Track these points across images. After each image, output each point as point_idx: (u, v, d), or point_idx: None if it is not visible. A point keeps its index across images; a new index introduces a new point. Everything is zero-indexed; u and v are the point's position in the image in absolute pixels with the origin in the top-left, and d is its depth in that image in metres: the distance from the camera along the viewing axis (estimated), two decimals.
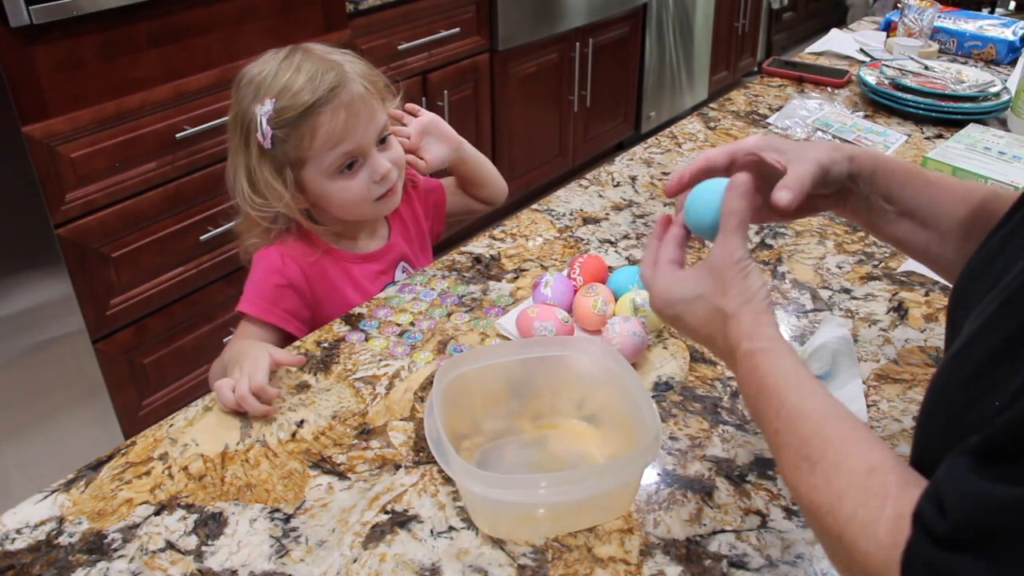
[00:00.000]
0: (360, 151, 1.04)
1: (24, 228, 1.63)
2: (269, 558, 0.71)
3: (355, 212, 1.10)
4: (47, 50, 1.59)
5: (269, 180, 1.02)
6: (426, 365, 0.95)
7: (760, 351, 0.62)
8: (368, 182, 1.06)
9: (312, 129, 1.00)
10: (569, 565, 0.70)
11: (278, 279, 1.07)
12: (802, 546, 0.72)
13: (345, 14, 2.15)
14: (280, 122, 1.00)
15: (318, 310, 1.10)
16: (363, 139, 1.04)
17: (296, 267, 1.08)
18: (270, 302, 1.07)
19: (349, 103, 1.01)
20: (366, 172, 1.05)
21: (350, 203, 1.07)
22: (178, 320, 1.95)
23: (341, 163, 1.03)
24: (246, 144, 1.03)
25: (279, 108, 0.99)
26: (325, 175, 1.04)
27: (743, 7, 3.99)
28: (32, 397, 1.73)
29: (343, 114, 1.01)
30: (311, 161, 1.03)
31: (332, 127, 1.01)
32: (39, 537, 0.73)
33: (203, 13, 1.82)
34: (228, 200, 1.08)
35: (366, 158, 1.05)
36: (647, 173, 1.40)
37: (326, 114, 1.00)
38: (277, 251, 1.08)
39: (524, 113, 2.92)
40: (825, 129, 1.55)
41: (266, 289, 1.07)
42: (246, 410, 0.86)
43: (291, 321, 1.08)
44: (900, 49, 1.88)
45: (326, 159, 1.03)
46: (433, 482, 0.78)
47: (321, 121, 1.00)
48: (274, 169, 1.03)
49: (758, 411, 0.61)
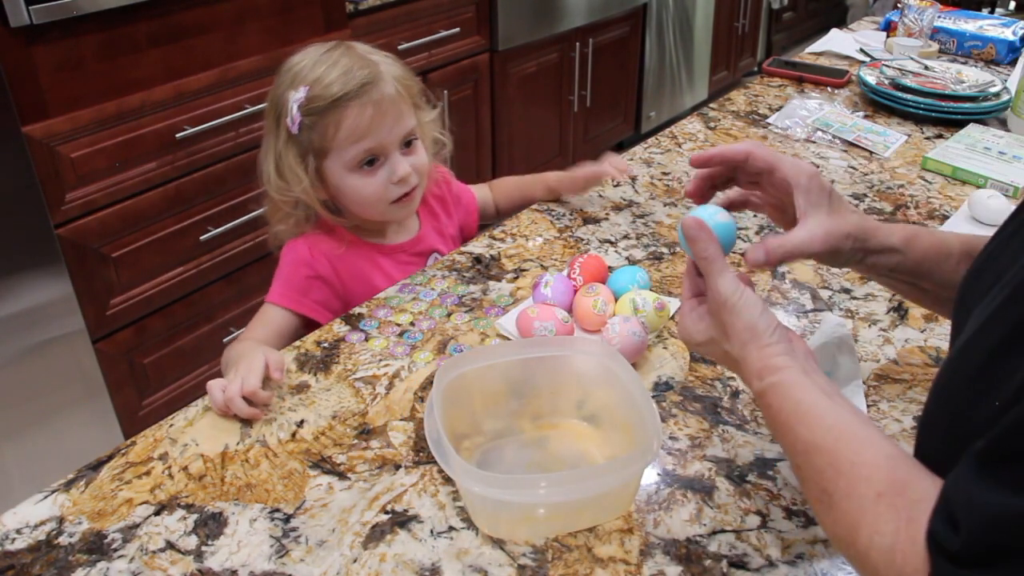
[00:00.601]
0: (382, 150, 1.06)
1: (24, 228, 1.63)
2: (269, 558, 0.71)
3: (370, 211, 1.12)
4: (47, 50, 1.59)
5: (292, 165, 1.06)
6: (426, 365, 0.95)
7: (770, 389, 0.62)
8: (386, 182, 1.07)
9: (337, 121, 1.03)
10: (569, 565, 0.70)
11: (307, 271, 1.10)
12: (802, 546, 0.72)
13: (345, 14, 2.15)
14: (309, 110, 1.03)
15: (350, 301, 1.12)
16: (387, 139, 1.06)
17: (324, 260, 1.11)
18: (300, 293, 1.10)
19: (378, 101, 1.04)
20: (385, 172, 1.07)
21: (366, 201, 1.09)
22: (178, 320, 1.95)
23: (361, 159, 1.05)
24: (277, 128, 1.06)
25: (311, 96, 1.02)
26: (345, 168, 1.06)
27: (743, 7, 3.99)
28: (32, 397, 1.73)
29: (370, 111, 1.03)
30: (333, 152, 1.05)
31: (357, 122, 1.03)
32: (39, 537, 0.73)
33: (203, 13, 1.82)
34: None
35: (387, 158, 1.07)
36: (647, 173, 1.40)
37: (353, 108, 1.02)
38: (305, 244, 1.11)
39: (524, 113, 2.92)
40: (825, 129, 1.55)
41: (295, 280, 1.10)
42: (234, 412, 0.86)
43: (320, 311, 1.10)
44: (900, 49, 1.88)
45: (347, 152, 1.05)
46: (433, 482, 0.78)
47: (347, 114, 1.03)
48: (298, 155, 1.06)
49: (784, 448, 0.62)
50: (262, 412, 0.86)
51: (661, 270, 1.13)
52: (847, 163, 1.43)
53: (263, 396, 0.86)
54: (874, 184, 1.35)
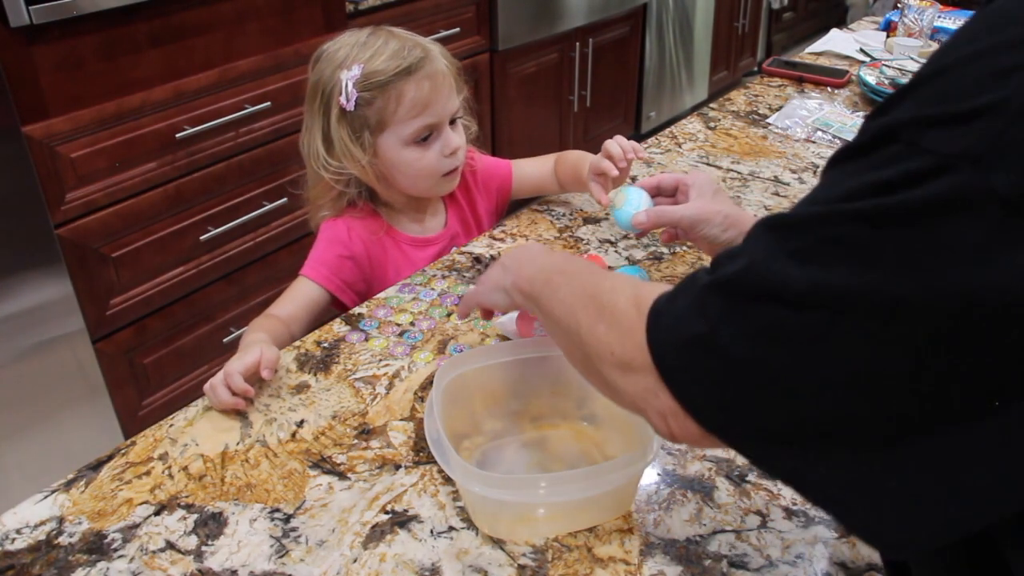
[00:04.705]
0: (438, 123, 1.08)
1: (24, 228, 1.63)
2: (269, 558, 0.71)
3: (421, 185, 1.14)
4: (47, 50, 1.59)
5: (347, 143, 1.07)
6: (426, 365, 0.95)
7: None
8: (440, 155, 1.10)
9: (399, 94, 1.05)
10: (569, 565, 0.70)
11: (341, 250, 1.12)
12: (802, 546, 0.72)
13: (345, 14, 2.15)
14: (367, 85, 1.04)
15: (374, 285, 1.14)
16: (442, 113, 1.08)
17: (360, 241, 1.13)
18: (331, 270, 1.11)
19: (434, 75, 1.06)
20: (439, 145, 1.09)
21: (420, 174, 1.11)
22: (178, 320, 1.95)
23: (420, 133, 1.07)
24: (325, 111, 1.07)
25: (367, 72, 1.04)
26: (402, 143, 1.08)
27: (743, 7, 3.99)
28: (32, 397, 1.73)
29: (427, 85, 1.06)
30: (392, 127, 1.07)
31: (418, 95, 1.05)
32: (39, 537, 0.73)
33: (203, 13, 1.82)
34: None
35: (440, 132, 1.09)
36: (647, 173, 1.40)
37: (412, 82, 1.05)
38: (344, 223, 1.13)
39: (524, 113, 2.92)
40: (825, 129, 1.55)
41: (328, 258, 1.12)
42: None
43: (347, 292, 1.12)
44: (900, 49, 1.88)
45: (408, 127, 1.07)
46: (433, 482, 0.78)
47: (408, 88, 1.05)
48: (352, 132, 1.07)
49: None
50: (243, 403, 0.87)
51: (661, 270, 1.13)
52: None
53: (244, 388, 0.86)
54: None
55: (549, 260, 0.74)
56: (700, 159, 1.45)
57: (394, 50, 1.05)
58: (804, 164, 1.43)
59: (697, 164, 1.43)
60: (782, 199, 1.30)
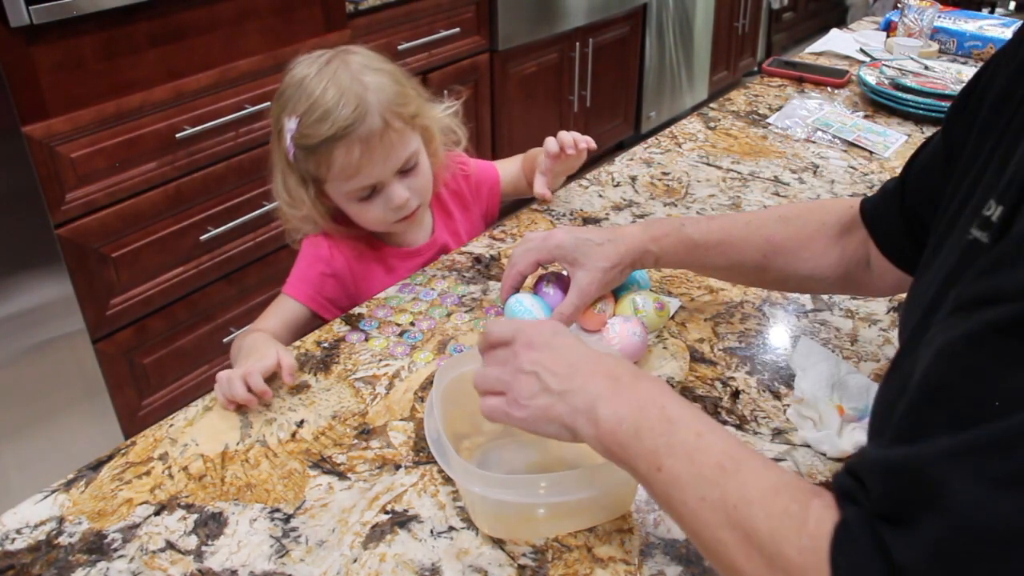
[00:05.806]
0: (376, 183, 1.05)
1: (24, 228, 1.63)
2: (269, 558, 0.71)
3: (376, 228, 1.13)
4: (47, 50, 1.59)
5: (294, 188, 1.07)
6: (426, 365, 0.95)
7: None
8: (384, 209, 1.08)
9: (328, 160, 1.02)
10: (569, 565, 0.70)
11: (323, 268, 1.12)
12: None
13: (345, 14, 2.15)
14: (300, 143, 1.02)
15: (358, 300, 1.12)
16: (379, 173, 1.04)
17: (342, 258, 1.13)
18: (313, 288, 1.11)
19: (366, 139, 1.01)
20: (382, 200, 1.07)
21: (367, 224, 1.12)
22: (178, 320, 1.95)
23: (358, 193, 1.06)
24: (280, 147, 1.07)
25: (300, 131, 1.01)
26: (343, 199, 1.07)
27: (743, 7, 3.99)
28: (32, 397, 1.73)
29: (357, 150, 1.01)
30: (329, 183, 1.06)
31: (346, 161, 1.02)
32: (39, 537, 0.73)
33: (203, 13, 1.82)
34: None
35: (383, 188, 1.06)
36: (647, 173, 1.40)
37: (342, 147, 1.00)
38: (326, 241, 1.13)
39: (524, 113, 2.92)
40: (825, 129, 1.55)
41: (311, 275, 1.12)
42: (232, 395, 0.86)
43: (329, 308, 1.12)
44: (900, 49, 1.88)
45: (343, 187, 1.05)
46: (433, 482, 0.78)
47: (336, 155, 1.01)
48: (299, 179, 1.07)
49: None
50: (256, 401, 0.87)
51: (661, 270, 1.13)
52: (847, 163, 1.43)
53: (263, 388, 0.86)
54: (874, 184, 1.34)
55: (634, 398, 0.60)
56: (700, 159, 1.45)
57: (327, 107, 0.99)
58: (804, 164, 1.43)
59: (697, 164, 1.43)
60: (782, 199, 1.30)
